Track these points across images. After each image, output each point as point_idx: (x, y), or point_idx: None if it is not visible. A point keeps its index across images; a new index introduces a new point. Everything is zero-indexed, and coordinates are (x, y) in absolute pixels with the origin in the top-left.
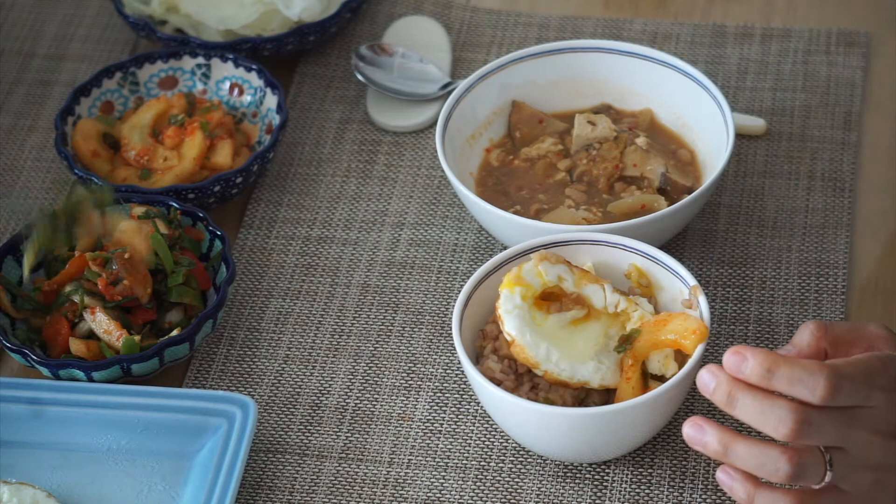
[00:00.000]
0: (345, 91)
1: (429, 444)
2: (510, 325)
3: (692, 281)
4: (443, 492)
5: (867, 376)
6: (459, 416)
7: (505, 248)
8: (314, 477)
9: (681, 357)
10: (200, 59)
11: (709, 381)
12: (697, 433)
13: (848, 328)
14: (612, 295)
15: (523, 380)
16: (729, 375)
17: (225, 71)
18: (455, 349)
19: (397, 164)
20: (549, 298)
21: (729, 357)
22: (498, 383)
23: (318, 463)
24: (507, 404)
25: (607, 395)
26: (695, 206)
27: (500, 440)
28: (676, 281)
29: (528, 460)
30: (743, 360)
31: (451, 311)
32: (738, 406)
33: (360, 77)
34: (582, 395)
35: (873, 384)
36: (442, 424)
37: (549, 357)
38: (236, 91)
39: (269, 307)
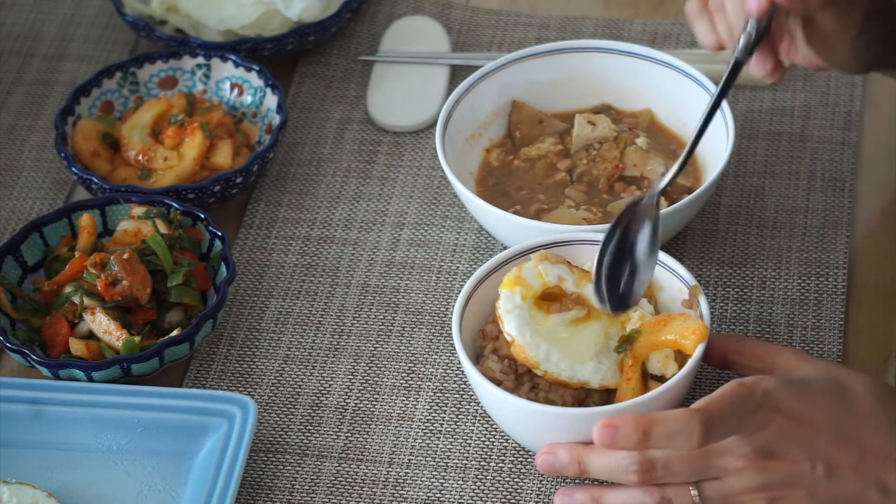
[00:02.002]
0: (345, 91)
1: (429, 444)
2: (510, 325)
3: (692, 281)
4: (443, 492)
5: (736, 408)
6: (459, 416)
7: (505, 248)
8: (314, 477)
9: (681, 357)
10: (200, 59)
11: (551, 463)
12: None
13: (755, 344)
14: None
15: (523, 380)
16: (565, 445)
17: (225, 71)
18: (455, 349)
19: (397, 164)
20: (549, 298)
21: (600, 431)
22: (498, 383)
23: (318, 463)
24: (507, 404)
25: (607, 395)
26: (695, 206)
27: (500, 440)
28: (676, 281)
29: (528, 460)
30: (615, 432)
31: (451, 311)
32: (589, 469)
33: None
34: (582, 395)
35: (744, 412)
36: (442, 424)
37: (549, 357)
38: (236, 91)
39: (269, 307)
